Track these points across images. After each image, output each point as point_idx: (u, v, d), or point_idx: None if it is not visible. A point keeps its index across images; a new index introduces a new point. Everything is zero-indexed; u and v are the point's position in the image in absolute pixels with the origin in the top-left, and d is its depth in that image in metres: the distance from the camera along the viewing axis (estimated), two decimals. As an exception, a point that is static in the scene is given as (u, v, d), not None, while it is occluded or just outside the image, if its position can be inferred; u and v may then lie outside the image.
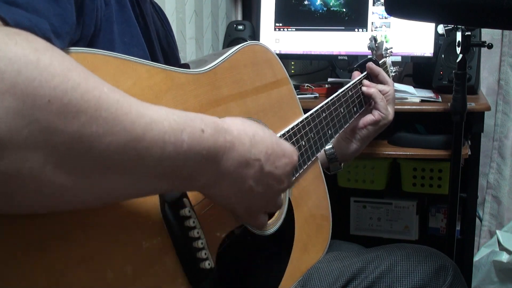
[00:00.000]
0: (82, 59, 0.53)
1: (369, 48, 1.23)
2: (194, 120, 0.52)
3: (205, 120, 0.54)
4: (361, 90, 1.10)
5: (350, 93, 1.06)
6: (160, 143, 0.47)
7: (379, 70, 1.14)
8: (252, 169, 0.59)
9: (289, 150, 0.66)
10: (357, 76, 1.13)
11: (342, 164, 1.15)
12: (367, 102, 1.12)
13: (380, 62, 1.21)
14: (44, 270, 0.46)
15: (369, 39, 1.23)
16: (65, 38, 0.52)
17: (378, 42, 1.22)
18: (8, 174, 0.39)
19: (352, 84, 1.08)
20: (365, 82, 1.11)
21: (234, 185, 0.59)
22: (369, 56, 1.21)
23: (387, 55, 1.27)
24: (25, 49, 0.40)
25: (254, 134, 0.60)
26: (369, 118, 1.10)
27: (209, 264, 0.62)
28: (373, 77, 1.16)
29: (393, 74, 1.30)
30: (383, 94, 1.11)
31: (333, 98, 1.00)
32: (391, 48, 1.29)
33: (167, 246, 0.59)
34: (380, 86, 1.12)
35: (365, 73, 1.15)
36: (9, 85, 0.38)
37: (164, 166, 0.49)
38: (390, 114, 1.12)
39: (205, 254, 0.62)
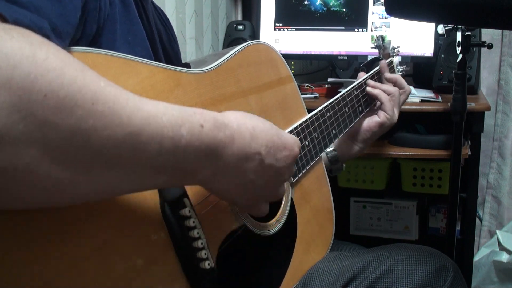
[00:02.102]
0: (84, 58, 0.53)
1: (376, 47, 1.22)
2: (193, 115, 0.52)
3: (205, 115, 0.53)
4: (366, 90, 1.09)
5: (355, 93, 1.06)
6: (158, 137, 0.47)
7: (397, 77, 1.13)
8: (252, 162, 0.59)
9: (290, 141, 0.66)
10: (363, 76, 1.12)
11: (344, 165, 1.15)
12: (372, 102, 1.12)
13: (387, 61, 1.20)
14: (40, 272, 0.46)
15: (377, 37, 1.22)
16: (66, 38, 0.52)
17: (385, 41, 1.22)
18: (4, 169, 0.39)
19: (358, 84, 1.08)
20: (370, 82, 1.11)
21: (235, 179, 0.58)
22: (376, 56, 1.21)
23: (394, 54, 1.26)
24: (21, 44, 0.40)
25: (254, 127, 0.60)
26: (374, 120, 1.09)
27: (209, 264, 0.62)
28: (382, 77, 1.15)
29: (400, 73, 1.29)
30: (388, 95, 1.10)
31: (337, 98, 0.99)
32: (399, 47, 1.28)
33: (167, 246, 0.59)
34: (385, 87, 1.11)
35: (370, 73, 1.14)
36: (5, 79, 0.38)
37: (163, 160, 0.49)
38: (395, 116, 1.11)
39: (205, 254, 0.62)
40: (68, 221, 0.49)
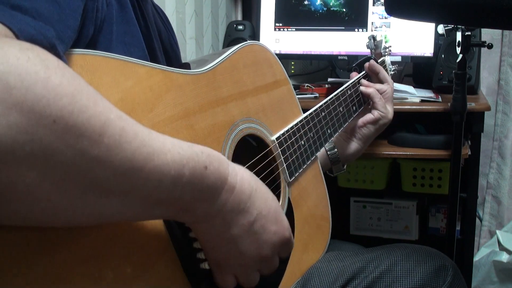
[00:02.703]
0: (82, 60, 0.53)
1: (368, 47, 1.23)
2: (200, 155, 0.52)
3: (211, 157, 0.53)
4: (360, 89, 1.10)
5: (349, 92, 1.07)
6: (158, 174, 0.47)
7: (379, 68, 1.14)
8: (242, 219, 0.58)
9: (285, 222, 0.65)
10: (355, 76, 1.13)
11: (345, 166, 1.16)
12: (366, 101, 1.13)
13: (379, 60, 1.21)
14: (43, 271, 0.46)
15: (368, 37, 1.23)
16: (68, 43, 0.52)
17: (376, 40, 1.22)
18: (4, 186, 0.39)
19: (351, 83, 1.09)
20: (363, 81, 1.12)
21: (220, 226, 0.57)
22: (367, 56, 1.21)
23: (386, 53, 1.27)
24: (36, 66, 0.39)
25: (257, 189, 0.60)
26: (368, 116, 1.11)
27: (208, 265, 0.62)
28: (372, 76, 1.16)
29: (392, 72, 1.30)
30: (381, 93, 1.12)
31: (332, 98, 1.00)
32: (390, 46, 1.29)
33: (167, 247, 0.59)
34: (378, 86, 1.13)
35: (363, 72, 1.15)
36: (17, 100, 0.38)
37: (160, 195, 0.49)
38: (390, 113, 1.13)
39: (205, 255, 0.62)
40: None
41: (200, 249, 0.62)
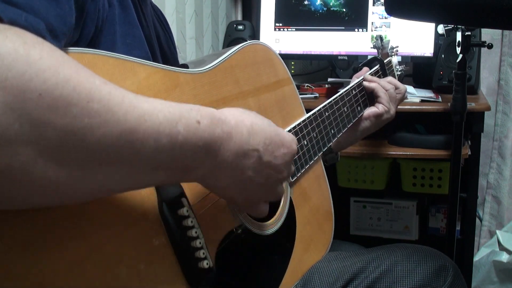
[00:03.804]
0: (80, 58, 0.53)
1: (375, 47, 1.22)
2: (190, 111, 0.52)
3: (202, 111, 0.53)
4: (363, 84, 1.10)
5: (353, 92, 1.06)
6: (154, 134, 0.47)
7: (374, 85, 1.11)
8: (250, 159, 0.59)
9: (288, 139, 0.66)
10: (365, 72, 1.13)
11: (339, 154, 1.15)
12: (371, 102, 1.12)
13: (385, 61, 1.21)
14: (39, 271, 0.46)
15: (375, 37, 1.22)
16: (62, 39, 0.51)
17: (384, 41, 1.22)
18: (0, 168, 0.39)
19: (356, 83, 1.08)
20: (367, 77, 1.12)
21: (233, 175, 0.58)
22: (374, 56, 1.21)
23: (393, 54, 1.26)
24: (15, 43, 0.40)
25: (252, 124, 0.60)
26: (373, 109, 1.10)
27: (207, 264, 0.62)
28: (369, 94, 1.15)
29: (399, 73, 1.29)
30: (385, 90, 1.12)
31: (336, 98, 0.99)
32: (397, 47, 1.29)
33: (165, 246, 0.59)
34: (382, 82, 1.12)
35: (369, 72, 1.14)
36: (0, 79, 0.38)
37: (160, 157, 0.49)
38: (392, 110, 1.12)
39: (203, 253, 0.62)
40: (65, 221, 0.49)
41: (199, 248, 0.61)
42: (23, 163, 0.39)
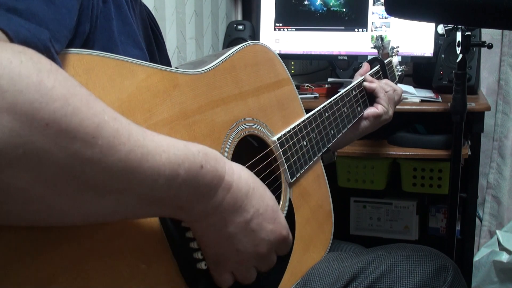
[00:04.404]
0: (79, 60, 0.53)
1: (375, 47, 1.22)
2: (196, 155, 0.52)
3: (208, 156, 0.54)
4: (363, 85, 1.10)
5: (353, 93, 1.06)
6: (154, 175, 0.47)
7: (375, 86, 1.12)
8: (239, 217, 0.58)
9: (282, 221, 0.65)
10: (366, 66, 1.14)
11: (336, 154, 1.15)
12: (372, 102, 1.12)
13: (385, 61, 1.21)
14: (36, 274, 0.46)
15: (376, 38, 1.22)
16: (63, 42, 0.52)
17: (384, 41, 1.22)
18: None
19: (356, 84, 1.08)
20: (368, 77, 1.12)
21: (217, 224, 0.57)
22: (375, 56, 1.21)
23: (393, 54, 1.26)
24: (29, 70, 0.40)
25: (255, 188, 0.60)
26: (372, 110, 1.11)
27: (205, 265, 0.62)
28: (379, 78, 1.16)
29: (399, 73, 1.30)
30: (385, 91, 1.12)
31: (336, 98, 0.99)
32: (398, 47, 1.29)
33: (164, 247, 0.59)
34: (382, 83, 1.13)
35: (369, 72, 1.15)
36: (9, 104, 0.38)
37: (155, 195, 0.49)
38: (391, 111, 1.13)
39: (202, 254, 0.62)
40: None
41: (197, 249, 0.61)
42: (21, 186, 0.40)
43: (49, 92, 0.40)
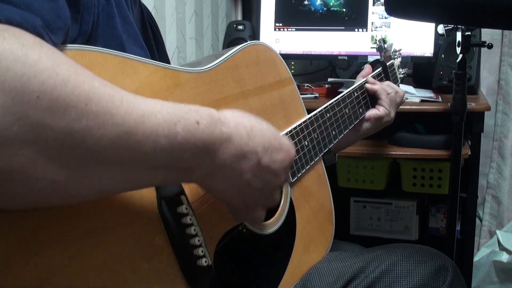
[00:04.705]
0: (81, 56, 0.53)
1: (378, 49, 1.22)
2: (189, 112, 0.52)
3: (201, 112, 0.53)
4: (365, 87, 1.10)
5: (355, 94, 1.05)
6: (153, 136, 0.47)
7: (376, 87, 1.12)
8: (249, 162, 0.59)
9: (287, 144, 0.66)
10: (368, 68, 1.14)
11: (337, 155, 1.14)
12: (374, 104, 1.12)
13: (388, 63, 1.20)
14: (37, 267, 0.46)
15: (378, 40, 1.22)
16: (59, 33, 0.51)
17: (387, 43, 1.22)
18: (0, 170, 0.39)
19: (358, 85, 1.07)
20: (370, 79, 1.12)
21: (231, 177, 0.58)
22: (377, 58, 1.21)
23: (396, 56, 1.26)
24: (12, 45, 0.40)
25: (252, 127, 0.60)
26: (374, 112, 1.10)
27: (206, 262, 0.62)
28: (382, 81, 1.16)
29: (402, 76, 1.29)
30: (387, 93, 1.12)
31: (338, 99, 0.99)
32: (400, 49, 1.29)
33: (164, 243, 0.59)
34: (384, 85, 1.13)
35: (371, 74, 1.14)
36: None
37: (159, 158, 0.49)
38: (392, 113, 1.13)
39: (202, 251, 0.62)
40: (64, 219, 0.49)
41: (198, 246, 0.61)
42: (23, 164, 0.40)
43: (35, 65, 0.40)
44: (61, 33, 0.52)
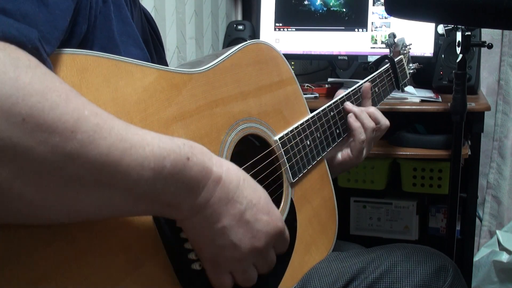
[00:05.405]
0: (72, 60, 0.53)
1: (387, 45, 1.21)
2: (182, 147, 0.51)
3: (194, 149, 0.53)
4: (347, 117, 0.98)
5: (359, 93, 1.05)
6: (137, 168, 0.47)
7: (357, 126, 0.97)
8: (231, 209, 0.56)
9: (277, 213, 0.63)
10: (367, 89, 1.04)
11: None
12: (380, 101, 1.11)
13: (396, 59, 1.19)
14: (30, 270, 0.46)
15: (388, 35, 1.21)
16: (55, 44, 0.51)
17: (397, 38, 1.21)
18: None
19: (360, 85, 1.07)
20: (350, 108, 0.98)
21: (210, 219, 0.55)
22: (385, 54, 1.20)
23: (405, 52, 1.25)
24: (6, 66, 0.40)
25: (245, 179, 0.59)
26: (346, 152, 1.00)
27: (200, 266, 0.61)
28: (364, 101, 1.05)
29: (411, 71, 1.28)
30: (364, 130, 0.97)
31: (342, 97, 0.98)
32: (410, 44, 1.27)
33: (158, 247, 0.59)
34: (366, 121, 0.98)
35: (376, 72, 1.12)
36: None
37: (141, 189, 0.48)
38: (360, 159, 0.99)
39: (196, 255, 0.61)
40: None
41: (192, 250, 0.61)
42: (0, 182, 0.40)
43: (26, 88, 0.40)
44: (56, 43, 0.51)
